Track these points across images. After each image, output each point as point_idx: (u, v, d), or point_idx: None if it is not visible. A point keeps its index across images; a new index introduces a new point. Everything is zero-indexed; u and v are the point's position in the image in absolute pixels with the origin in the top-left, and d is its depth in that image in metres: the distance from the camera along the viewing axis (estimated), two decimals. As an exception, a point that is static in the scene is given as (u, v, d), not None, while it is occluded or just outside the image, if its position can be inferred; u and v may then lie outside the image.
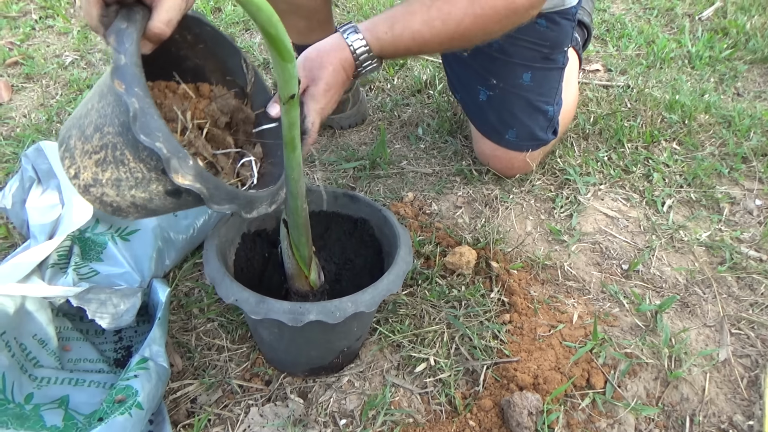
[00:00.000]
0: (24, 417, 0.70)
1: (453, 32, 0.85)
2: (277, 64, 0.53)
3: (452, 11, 0.84)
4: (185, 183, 0.59)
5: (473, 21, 0.84)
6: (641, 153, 1.33)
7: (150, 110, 0.56)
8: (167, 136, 0.57)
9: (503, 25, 0.86)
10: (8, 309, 0.75)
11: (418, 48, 0.88)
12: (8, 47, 1.74)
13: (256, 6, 0.44)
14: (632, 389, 0.87)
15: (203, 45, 0.73)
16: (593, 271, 1.06)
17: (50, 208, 0.88)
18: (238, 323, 0.94)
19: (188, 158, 0.58)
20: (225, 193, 0.63)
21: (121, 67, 0.54)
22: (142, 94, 0.55)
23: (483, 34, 0.87)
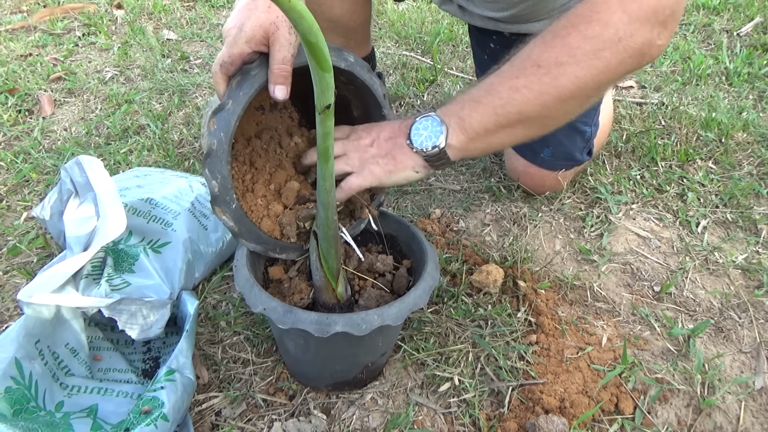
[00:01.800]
0: (54, 425, 0.72)
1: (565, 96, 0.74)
2: (315, 73, 0.54)
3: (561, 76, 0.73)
4: (221, 217, 0.73)
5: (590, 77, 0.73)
6: (675, 172, 1.30)
7: (223, 156, 0.69)
8: (225, 179, 0.70)
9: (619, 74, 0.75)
10: (44, 318, 0.77)
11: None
12: (52, 63, 1.81)
13: (298, 14, 0.45)
14: (663, 416, 0.84)
15: (353, 86, 0.82)
16: (623, 293, 1.04)
17: (86, 220, 0.90)
18: (264, 337, 0.94)
19: (233, 203, 0.72)
20: (255, 236, 0.77)
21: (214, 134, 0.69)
22: (224, 146, 0.68)
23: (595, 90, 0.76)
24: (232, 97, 0.69)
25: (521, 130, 0.77)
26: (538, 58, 0.73)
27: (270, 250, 0.80)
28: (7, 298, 1.00)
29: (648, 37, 0.71)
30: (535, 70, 0.73)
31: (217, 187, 0.70)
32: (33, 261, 1.08)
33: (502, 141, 0.78)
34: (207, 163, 0.69)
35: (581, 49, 0.71)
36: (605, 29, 0.70)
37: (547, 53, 0.73)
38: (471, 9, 1.11)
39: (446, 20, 2.05)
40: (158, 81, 1.69)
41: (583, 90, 0.73)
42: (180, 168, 1.31)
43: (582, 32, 0.71)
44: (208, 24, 2.10)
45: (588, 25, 0.71)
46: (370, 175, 0.78)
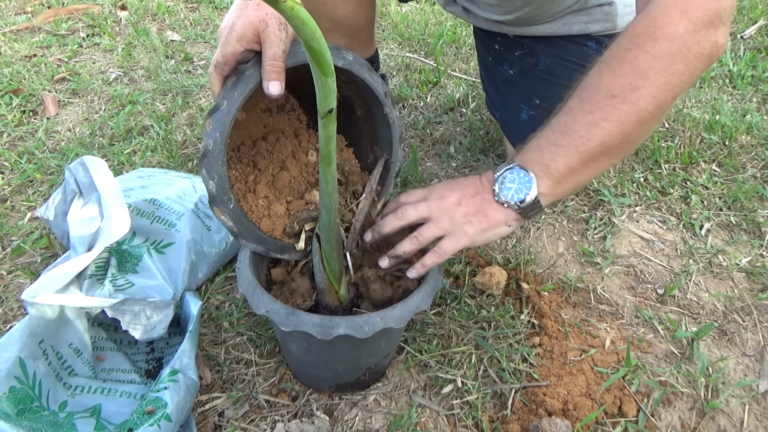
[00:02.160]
0: (58, 425, 0.72)
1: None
2: (318, 78, 0.54)
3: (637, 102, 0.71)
4: (220, 217, 0.73)
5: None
6: (679, 174, 1.30)
7: (219, 156, 0.69)
8: (222, 179, 0.70)
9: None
10: (48, 317, 0.77)
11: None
12: (57, 64, 1.82)
13: (301, 21, 0.45)
14: (666, 419, 0.84)
15: (354, 86, 0.83)
16: (627, 295, 1.04)
17: (90, 220, 0.91)
18: (267, 338, 0.94)
19: (230, 202, 0.72)
20: (254, 236, 0.77)
21: (210, 139, 0.69)
22: (220, 146, 0.69)
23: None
24: (227, 97, 0.69)
25: (605, 160, 0.76)
26: (610, 88, 0.71)
27: (271, 250, 0.80)
28: (11, 298, 1.01)
29: (713, 40, 0.70)
30: (610, 101, 0.71)
31: (214, 187, 0.70)
32: (37, 261, 1.08)
33: (588, 176, 0.77)
34: (204, 164, 0.69)
35: (653, 69, 0.69)
36: (672, 43, 0.69)
37: (618, 81, 0.71)
38: (475, 12, 1.12)
39: (449, 22, 2.05)
40: (162, 82, 1.69)
41: (662, 107, 0.72)
42: (183, 169, 1.31)
43: (649, 52, 0.70)
44: (211, 25, 2.10)
45: (654, 43, 0.69)
46: (465, 236, 0.76)
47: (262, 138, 0.85)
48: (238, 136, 0.84)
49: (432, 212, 0.78)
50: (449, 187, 0.80)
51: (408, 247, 0.78)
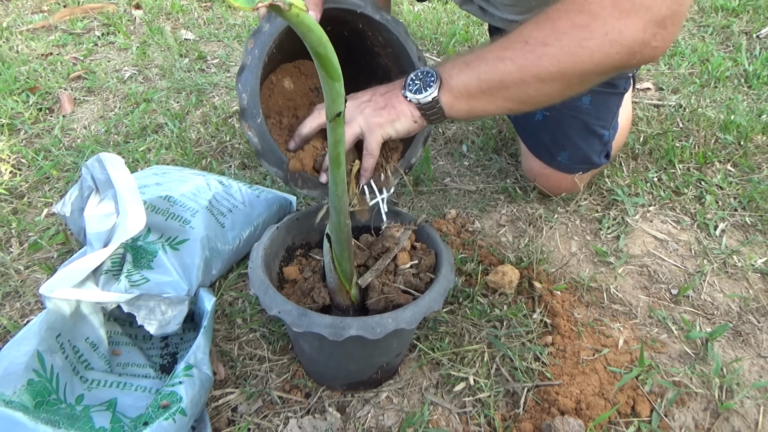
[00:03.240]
0: (75, 417, 0.73)
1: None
2: (325, 82, 0.54)
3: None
4: (247, 132, 0.76)
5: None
6: (693, 174, 1.29)
7: (255, 71, 0.74)
8: (254, 94, 0.74)
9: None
10: (65, 312, 0.78)
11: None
12: (72, 62, 1.84)
13: (307, 27, 0.46)
14: (680, 419, 0.84)
15: (391, 49, 0.89)
16: (640, 295, 1.03)
17: (106, 216, 0.92)
18: (280, 334, 0.95)
19: (258, 116, 0.76)
20: (276, 157, 0.79)
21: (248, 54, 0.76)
22: (257, 61, 0.74)
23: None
24: (269, 22, 0.76)
25: (501, 101, 0.79)
26: (528, 36, 0.76)
27: (291, 180, 0.81)
28: (28, 292, 1.02)
29: (640, 36, 0.71)
30: (522, 46, 0.75)
31: (246, 99, 0.75)
32: (53, 257, 1.10)
33: (483, 107, 0.81)
34: (240, 78, 0.75)
35: (567, 34, 0.72)
36: (593, 20, 0.71)
37: (536, 32, 0.75)
38: (491, 11, 1.11)
39: (462, 21, 2.05)
40: (176, 80, 1.71)
41: (564, 75, 0.74)
42: (197, 166, 1.32)
43: (572, 19, 0.72)
44: (225, 24, 2.12)
45: (578, 14, 0.72)
46: (377, 127, 0.81)
47: (305, 113, 0.88)
48: (284, 103, 0.88)
49: (346, 112, 0.81)
50: (364, 91, 0.85)
51: None
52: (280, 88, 0.90)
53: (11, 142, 1.43)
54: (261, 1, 0.39)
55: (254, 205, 1.09)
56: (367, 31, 0.88)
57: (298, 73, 0.94)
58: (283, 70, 0.92)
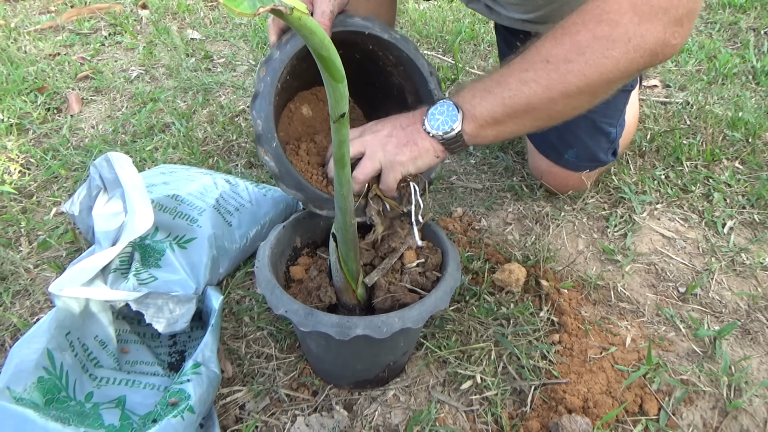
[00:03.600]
0: (84, 415, 0.74)
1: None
2: (329, 84, 0.54)
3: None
4: (264, 157, 0.78)
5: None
6: (701, 172, 1.28)
7: (268, 98, 0.76)
8: (268, 119, 0.76)
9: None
10: (74, 310, 0.79)
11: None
12: (80, 62, 1.85)
13: (309, 30, 0.46)
14: (688, 418, 0.83)
15: (403, 68, 0.89)
16: (648, 293, 1.03)
17: (114, 215, 0.92)
18: (287, 333, 0.95)
19: (274, 141, 0.77)
20: (294, 180, 0.80)
21: (261, 82, 0.78)
22: (269, 88, 0.77)
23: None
24: (280, 48, 0.78)
25: (529, 120, 0.79)
26: (548, 54, 0.74)
27: (310, 201, 0.82)
28: (37, 291, 1.03)
29: (660, 37, 0.71)
30: (544, 66, 0.74)
31: (261, 125, 0.77)
32: (62, 255, 1.10)
33: (511, 130, 0.80)
34: (254, 105, 0.77)
35: (590, 47, 0.72)
36: (614, 29, 0.70)
37: (556, 49, 0.74)
38: (498, 9, 1.11)
39: (467, 19, 2.04)
40: (183, 80, 1.71)
41: (591, 87, 0.74)
42: (204, 165, 1.33)
43: (591, 30, 0.72)
44: (231, 23, 2.12)
45: (598, 24, 0.71)
46: (399, 165, 0.80)
47: (323, 138, 0.89)
48: (303, 130, 0.90)
49: (366, 146, 0.81)
50: (383, 121, 0.84)
51: (356, 188, 0.81)
52: (299, 115, 0.92)
53: (20, 142, 1.44)
54: (263, 5, 0.39)
55: (261, 203, 1.09)
56: (378, 52, 0.88)
57: (316, 100, 0.95)
58: (301, 98, 0.94)
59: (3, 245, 1.12)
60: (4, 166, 1.34)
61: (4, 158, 1.37)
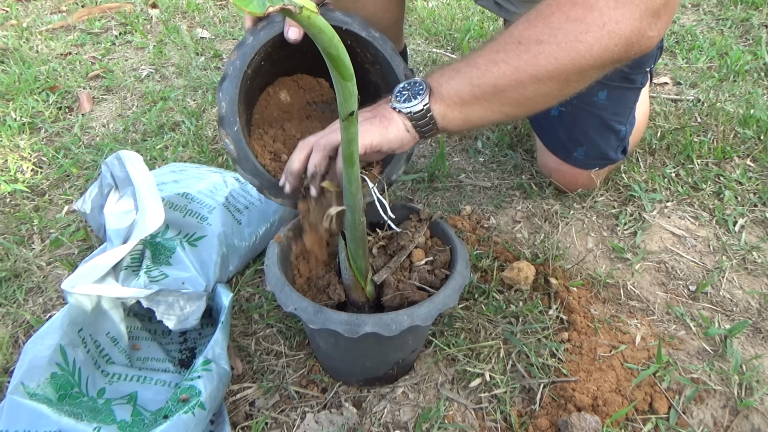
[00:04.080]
0: (97, 410, 0.75)
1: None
2: (338, 82, 0.55)
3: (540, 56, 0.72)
4: (225, 140, 0.79)
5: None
6: (712, 170, 1.27)
7: (234, 81, 0.77)
8: (232, 102, 0.77)
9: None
10: (86, 307, 0.80)
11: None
12: (91, 61, 1.86)
13: (318, 29, 0.46)
14: (698, 416, 0.83)
15: (379, 66, 0.90)
16: (658, 292, 1.02)
17: (125, 213, 0.93)
18: (296, 330, 0.96)
19: (235, 125, 0.78)
20: (250, 165, 0.80)
21: (229, 65, 0.79)
22: (237, 72, 0.77)
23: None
24: (253, 34, 0.79)
25: (497, 104, 0.76)
26: (520, 35, 0.73)
27: (265, 188, 0.82)
28: (50, 288, 1.04)
29: (636, 26, 0.69)
30: (515, 47, 0.72)
31: (225, 107, 0.78)
32: (74, 253, 1.11)
33: (479, 115, 0.77)
34: (221, 87, 0.78)
35: (562, 29, 0.70)
36: (589, 12, 0.69)
37: (528, 31, 0.72)
38: (506, 6, 1.11)
39: (476, 17, 2.04)
40: (192, 78, 1.72)
41: (562, 72, 0.71)
42: (214, 164, 1.33)
43: (565, 13, 0.70)
44: (239, 22, 2.13)
45: (572, 7, 0.70)
46: (369, 132, 0.76)
47: (293, 127, 0.89)
48: (278, 115, 0.90)
49: (333, 125, 0.79)
50: None
51: (316, 159, 0.75)
52: (276, 100, 0.92)
53: (32, 141, 1.45)
54: (272, 4, 0.39)
55: (270, 202, 1.10)
56: (356, 48, 0.88)
57: (296, 87, 0.95)
58: (281, 83, 0.94)
59: (16, 243, 1.13)
60: (17, 165, 1.36)
61: (17, 157, 1.39)
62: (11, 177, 1.32)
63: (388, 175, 0.89)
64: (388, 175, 0.89)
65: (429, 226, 0.89)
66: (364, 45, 0.87)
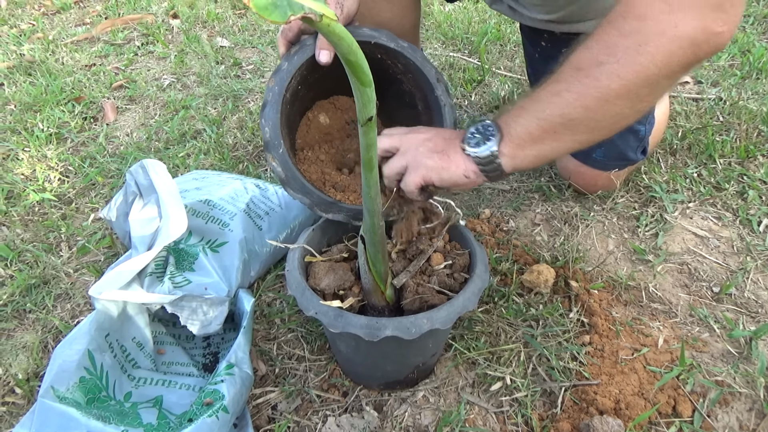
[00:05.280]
0: (124, 413, 0.76)
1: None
2: (357, 88, 0.56)
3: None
4: (272, 163, 0.81)
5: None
6: (735, 169, 1.25)
7: (275, 106, 0.80)
8: (275, 127, 0.80)
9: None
10: (112, 313, 0.82)
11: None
12: (114, 72, 1.90)
13: (337, 36, 0.47)
14: (723, 420, 0.82)
15: (411, 75, 0.92)
16: (681, 293, 1.01)
17: (150, 221, 0.95)
18: (317, 334, 0.97)
19: (280, 147, 0.80)
20: (300, 185, 0.83)
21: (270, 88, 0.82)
22: (277, 97, 0.80)
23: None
24: (288, 60, 0.82)
25: (568, 135, 0.73)
26: (578, 61, 0.71)
27: (315, 205, 0.84)
28: (77, 294, 1.07)
29: (699, 24, 0.66)
30: (574, 73, 0.70)
31: (268, 132, 0.80)
32: (101, 260, 1.14)
33: (552, 148, 0.75)
34: (263, 114, 0.81)
35: (620, 46, 0.67)
36: (643, 23, 0.66)
37: (586, 55, 0.70)
38: (520, 10, 1.11)
39: (493, 20, 2.04)
40: (213, 87, 1.75)
41: (630, 89, 0.69)
42: (235, 170, 1.35)
43: (618, 29, 0.68)
44: (258, 31, 2.16)
45: (625, 21, 0.68)
46: (423, 168, 0.76)
47: (338, 146, 0.93)
48: (320, 137, 0.94)
49: (402, 143, 0.80)
50: (429, 128, 0.83)
51: (383, 183, 0.80)
52: (316, 123, 0.96)
53: (59, 151, 1.49)
54: (293, 13, 0.40)
55: (290, 207, 1.11)
56: (387, 60, 0.90)
57: (334, 108, 0.99)
58: (319, 107, 0.97)
59: (45, 250, 1.17)
60: (44, 174, 1.39)
61: (45, 166, 1.42)
62: (39, 186, 1.35)
63: (456, 218, 0.93)
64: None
65: (448, 230, 0.90)
66: (394, 56, 0.89)
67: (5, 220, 1.26)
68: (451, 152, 0.78)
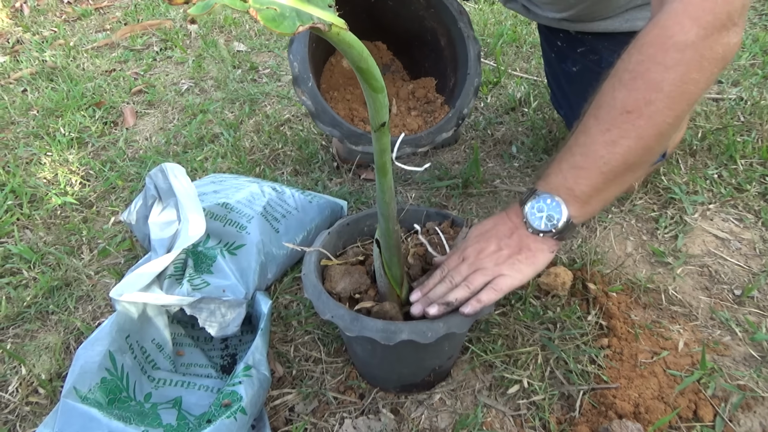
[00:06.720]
0: (144, 414, 0.77)
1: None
2: (369, 95, 0.56)
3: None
4: (301, 97, 0.82)
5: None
6: (756, 170, 1.23)
7: (303, 41, 0.81)
8: (304, 61, 0.81)
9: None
10: (133, 315, 0.83)
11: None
12: (134, 77, 1.93)
13: (347, 44, 0.48)
14: (746, 424, 0.81)
15: (433, 9, 0.93)
16: (701, 296, 1.00)
17: (169, 224, 0.96)
18: (334, 337, 0.97)
19: (309, 81, 0.82)
20: (330, 118, 0.84)
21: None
22: (304, 37, 0.81)
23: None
24: None
25: (630, 175, 0.74)
26: (625, 104, 0.70)
27: (345, 137, 0.85)
28: (98, 296, 1.08)
29: (725, 42, 0.68)
30: (626, 117, 0.70)
31: (297, 67, 0.82)
32: (121, 262, 1.16)
33: (614, 191, 0.76)
34: (291, 49, 0.82)
35: (666, 80, 0.68)
36: (684, 53, 0.67)
37: (632, 96, 0.70)
38: (534, 9, 1.11)
39: (509, 21, 2.03)
40: (230, 91, 1.77)
41: (680, 116, 0.70)
42: (252, 174, 1.37)
43: (660, 63, 0.68)
44: (274, 35, 2.17)
45: (665, 53, 0.68)
46: (519, 273, 0.75)
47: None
48: (344, 81, 0.99)
49: (477, 266, 0.77)
50: (482, 237, 0.79)
51: (460, 294, 0.74)
52: (339, 68, 0.98)
53: (80, 155, 1.52)
54: (302, 24, 0.40)
55: (307, 210, 1.12)
56: None
57: None
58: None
59: (67, 253, 1.19)
60: (66, 178, 1.42)
61: (66, 171, 1.45)
62: (61, 190, 1.38)
63: (460, 109, 0.91)
64: (460, 109, 0.91)
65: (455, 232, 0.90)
66: None
67: (28, 223, 1.29)
68: (529, 244, 0.76)
